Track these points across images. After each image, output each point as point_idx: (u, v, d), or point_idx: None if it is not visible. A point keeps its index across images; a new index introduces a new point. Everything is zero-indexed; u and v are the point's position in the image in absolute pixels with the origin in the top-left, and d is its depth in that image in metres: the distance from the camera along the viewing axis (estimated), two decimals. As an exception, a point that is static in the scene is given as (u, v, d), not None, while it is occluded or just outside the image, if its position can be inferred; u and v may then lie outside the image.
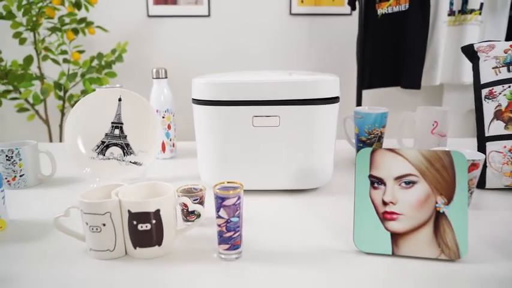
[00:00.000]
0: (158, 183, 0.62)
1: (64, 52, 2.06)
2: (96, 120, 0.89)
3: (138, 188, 0.62)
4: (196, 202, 0.67)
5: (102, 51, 2.30)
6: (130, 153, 0.89)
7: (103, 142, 0.89)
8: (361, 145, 1.03)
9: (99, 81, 2.01)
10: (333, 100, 0.78)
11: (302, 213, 0.73)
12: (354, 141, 1.07)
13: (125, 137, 0.90)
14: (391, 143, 1.21)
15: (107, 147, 0.89)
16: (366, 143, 1.02)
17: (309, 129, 0.77)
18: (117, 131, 0.90)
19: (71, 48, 2.13)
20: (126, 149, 0.89)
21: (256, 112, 0.77)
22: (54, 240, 0.63)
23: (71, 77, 2.03)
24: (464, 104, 2.11)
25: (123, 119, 0.90)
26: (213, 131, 0.79)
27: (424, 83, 1.98)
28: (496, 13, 1.86)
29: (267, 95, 0.76)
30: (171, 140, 1.08)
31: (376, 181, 0.58)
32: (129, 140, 0.90)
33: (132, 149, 0.89)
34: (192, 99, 0.81)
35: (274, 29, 2.36)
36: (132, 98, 0.89)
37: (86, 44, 2.27)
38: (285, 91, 0.76)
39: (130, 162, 0.89)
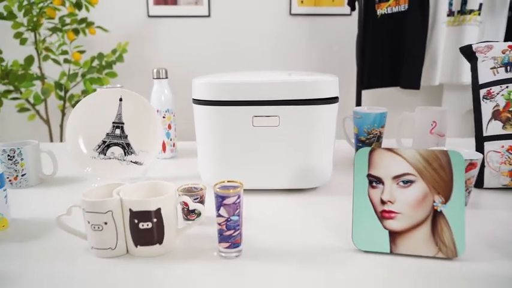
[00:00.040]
0: (159, 182, 0.63)
1: (65, 52, 2.06)
2: (97, 120, 0.90)
3: (139, 187, 0.62)
4: (196, 201, 0.68)
5: (103, 51, 2.30)
6: (131, 152, 0.90)
7: (104, 142, 0.90)
8: (361, 145, 1.04)
9: (100, 81, 2.02)
10: (332, 100, 0.79)
11: (301, 212, 0.73)
12: (353, 141, 1.08)
13: (126, 136, 0.90)
14: (390, 142, 1.21)
15: (108, 146, 0.90)
16: (365, 143, 1.03)
17: (308, 129, 0.78)
18: (118, 131, 0.90)
19: (72, 49, 2.13)
20: (127, 148, 0.90)
21: (256, 112, 0.77)
22: (55, 239, 0.64)
23: (72, 77, 2.03)
24: (463, 104, 2.11)
25: (124, 119, 0.90)
26: (213, 131, 0.79)
27: (424, 83, 1.98)
28: (495, 14, 1.87)
29: (267, 95, 0.77)
30: (171, 139, 1.09)
31: (374, 180, 0.58)
32: (130, 139, 0.90)
33: (132, 149, 0.90)
34: (193, 99, 0.81)
35: (274, 29, 2.37)
36: (133, 98, 0.90)
37: (87, 44, 2.27)
38: (284, 91, 0.77)
39: (131, 161, 0.89)
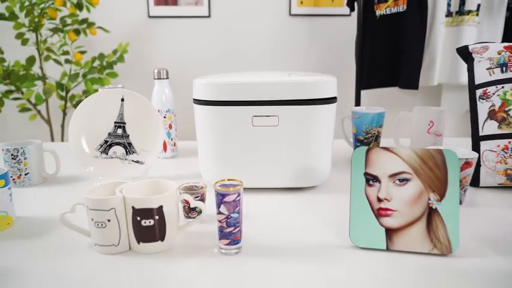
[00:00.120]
0: (161, 180, 0.64)
1: (66, 53, 2.08)
2: (99, 120, 0.91)
3: (142, 185, 0.64)
4: (197, 199, 0.69)
5: (104, 51, 2.32)
6: (133, 152, 0.91)
7: (106, 141, 0.91)
8: (359, 144, 1.05)
9: (101, 81, 2.03)
10: (331, 100, 0.80)
11: (301, 210, 0.75)
12: (352, 141, 1.09)
13: (128, 136, 0.92)
14: (388, 142, 1.22)
15: (110, 146, 0.91)
16: (364, 143, 1.04)
17: (307, 129, 0.79)
18: (119, 131, 0.92)
19: (73, 49, 2.15)
20: (129, 148, 0.91)
21: (255, 112, 0.79)
22: (59, 236, 0.65)
23: (73, 77, 2.05)
24: (462, 104, 2.12)
25: (126, 119, 0.92)
26: (213, 131, 0.81)
27: (422, 83, 2.00)
28: (493, 14, 1.88)
29: (266, 95, 0.78)
30: (172, 139, 1.10)
31: (371, 179, 0.60)
32: (132, 139, 0.92)
33: (134, 148, 0.91)
34: (193, 99, 0.83)
35: (274, 30, 2.38)
36: (134, 98, 0.91)
37: (88, 44, 2.29)
38: (283, 91, 0.78)
39: (133, 161, 0.91)
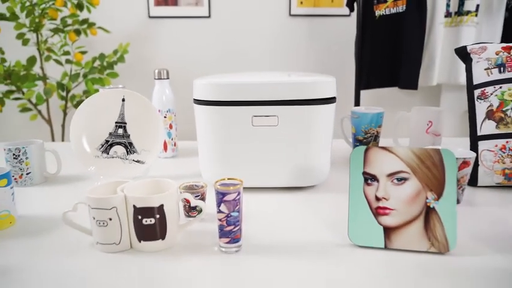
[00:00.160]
0: (161, 179, 0.65)
1: (66, 53, 2.08)
2: (100, 120, 0.92)
3: (143, 184, 0.64)
4: (197, 198, 0.70)
5: (104, 52, 2.32)
6: (134, 151, 0.92)
7: (107, 141, 0.92)
8: (358, 144, 1.06)
9: (101, 81, 2.04)
10: (330, 100, 0.81)
11: (300, 209, 0.75)
12: (351, 141, 1.10)
13: (128, 136, 0.92)
14: (387, 142, 1.23)
15: (111, 146, 0.92)
16: (363, 142, 1.05)
17: (306, 129, 0.80)
18: (120, 130, 0.92)
19: (74, 49, 2.15)
20: (130, 147, 0.92)
21: (255, 112, 0.79)
22: (60, 235, 0.66)
23: (74, 77, 2.05)
24: (461, 104, 2.13)
25: (127, 119, 0.92)
26: (213, 131, 0.81)
27: (422, 83, 2.00)
28: (492, 14, 1.89)
29: (266, 95, 0.79)
30: (172, 139, 1.11)
31: (369, 178, 0.60)
32: (132, 139, 0.92)
33: (135, 148, 0.92)
34: (194, 99, 0.83)
35: (274, 30, 2.39)
36: (135, 98, 0.92)
37: (88, 44, 2.29)
38: (283, 92, 0.78)
39: (134, 160, 0.91)
